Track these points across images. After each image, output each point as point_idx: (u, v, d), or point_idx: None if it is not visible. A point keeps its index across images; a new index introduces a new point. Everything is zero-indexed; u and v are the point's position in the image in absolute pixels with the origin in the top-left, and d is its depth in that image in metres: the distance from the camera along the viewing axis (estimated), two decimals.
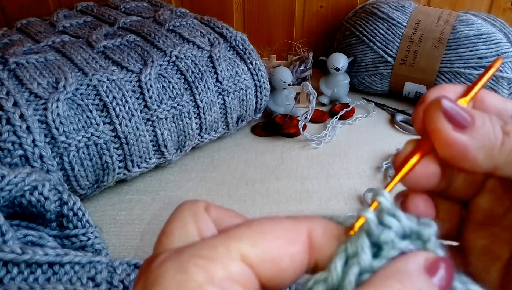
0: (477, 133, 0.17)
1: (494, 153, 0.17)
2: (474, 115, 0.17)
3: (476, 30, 0.67)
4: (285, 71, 0.67)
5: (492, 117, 0.18)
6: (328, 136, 0.65)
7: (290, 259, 0.15)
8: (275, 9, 0.86)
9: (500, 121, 0.18)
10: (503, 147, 0.17)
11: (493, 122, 0.18)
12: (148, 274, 0.15)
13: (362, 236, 0.15)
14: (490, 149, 0.17)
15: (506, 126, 0.17)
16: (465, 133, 0.17)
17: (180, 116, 0.55)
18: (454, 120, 0.17)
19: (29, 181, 0.36)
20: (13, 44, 0.56)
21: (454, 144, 0.17)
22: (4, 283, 0.30)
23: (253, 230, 0.15)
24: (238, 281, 0.14)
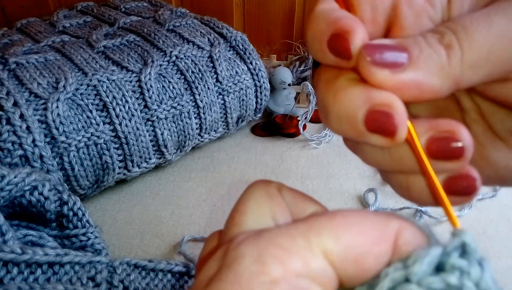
0: (419, 63, 0.15)
1: (447, 71, 0.15)
2: (407, 46, 0.15)
3: None
4: (285, 71, 0.67)
5: (425, 35, 0.16)
6: (328, 136, 0.65)
7: (375, 259, 0.13)
8: (275, 9, 0.86)
9: (435, 35, 0.16)
10: (452, 60, 0.15)
11: (429, 42, 0.15)
12: (227, 253, 0.14)
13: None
14: (441, 69, 0.15)
15: (443, 38, 0.15)
16: (407, 69, 0.15)
17: (180, 116, 0.55)
18: (388, 64, 0.15)
19: (29, 181, 0.36)
20: (13, 44, 0.56)
21: (402, 86, 0.15)
22: (4, 283, 0.30)
23: (338, 223, 0.14)
24: (317, 279, 0.13)
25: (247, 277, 0.13)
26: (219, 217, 0.51)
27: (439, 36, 0.16)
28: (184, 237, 0.47)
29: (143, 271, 0.36)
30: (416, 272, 0.13)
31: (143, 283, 0.34)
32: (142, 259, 0.37)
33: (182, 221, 0.50)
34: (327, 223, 0.14)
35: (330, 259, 0.13)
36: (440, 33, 0.16)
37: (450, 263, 0.13)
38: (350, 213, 0.14)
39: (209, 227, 0.49)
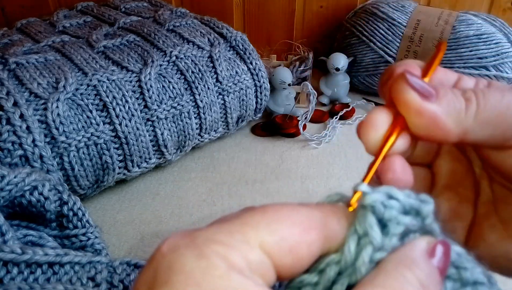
0: (443, 101, 0.18)
1: (462, 118, 0.18)
2: (437, 87, 0.19)
3: (476, 30, 0.67)
4: (285, 71, 0.67)
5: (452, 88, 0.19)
6: (328, 136, 0.65)
7: (308, 247, 0.15)
8: (275, 9, 0.86)
9: (458, 90, 0.19)
10: (468, 111, 0.18)
11: (454, 92, 0.19)
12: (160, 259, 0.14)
13: (369, 215, 0.16)
14: (457, 114, 0.18)
15: (466, 93, 0.19)
16: (432, 102, 0.18)
17: (180, 116, 0.55)
18: (420, 91, 0.18)
19: (29, 181, 0.36)
20: (13, 44, 0.56)
21: (425, 112, 0.18)
22: (4, 283, 0.30)
23: (270, 217, 0.15)
24: (256, 271, 0.14)
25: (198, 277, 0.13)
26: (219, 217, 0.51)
27: (463, 92, 0.19)
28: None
29: None
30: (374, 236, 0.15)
31: None
32: (142, 259, 0.37)
33: (182, 221, 0.50)
34: (261, 218, 0.15)
35: (267, 251, 0.14)
36: (464, 90, 0.19)
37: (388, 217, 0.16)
38: (279, 206, 0.15)
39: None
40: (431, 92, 0.18)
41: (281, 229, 0.15)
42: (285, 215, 0.15)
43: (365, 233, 0.16)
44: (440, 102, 0.18)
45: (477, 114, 0.18)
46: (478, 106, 0.19)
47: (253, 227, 0.14)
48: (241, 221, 0.15)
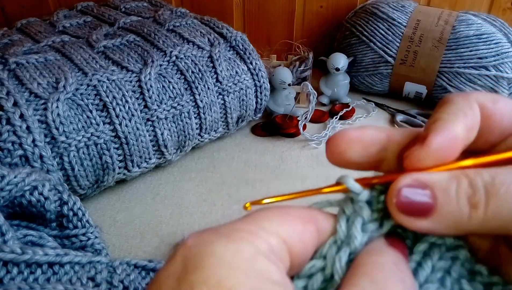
0: (441, 215, 0.17)
1: (464, 227, 0.17)
2: (437, 195, 0.17)
3: (476, 30, 0.67)
4: (285, 71, 0.67)
5: (460, 186, 0.17)
6: (328, 136, 0.65)
7: (311, 236, 0.16)
8: (275, 9, 0.86)
9: (468, 190, 0.17)
10: (471, 221, 0.17)
11: (460, 196, 0.17)
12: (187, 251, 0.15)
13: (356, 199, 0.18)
14: (458, 225, 0.17)
15: (475, 196, 0.16)
16: (427, 219, 0.17)
17: (180, 116, 0.55)
18: (413, 212, 0.17)
19: (29, 181, 0.36)
20: (13, 44, 0.56)
21: (418, 229, 0.17)
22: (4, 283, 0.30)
23: (277, 212, 0.16)
24: (278, 256, 0.15)
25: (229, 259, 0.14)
26: (219, 217, 0.51)
27: (472, 192, 0.16)
28: (184, 237, 0.47)
29: (143, 271, 0.36)
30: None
31: (143, 283, 0.34)
32: (142, 259, 0.37)
33: (182, 221, 0.50)
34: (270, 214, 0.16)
35: (283, 238, 0.15)
36: (474, 189, 0.16)
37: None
38: (277, 207, 0.17)
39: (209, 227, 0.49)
40: (427, 208, 0.17)
41: (289, 221, 0.16)
42: (287, 211, 0.16)
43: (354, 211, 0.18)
44: (437, 216, 0.17)
45: (483, 222, 0.16)
46: (485, 214, 0.16)
47: (267, 220, 0.16)
48: (254, 217, 0.16)
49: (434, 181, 0.17)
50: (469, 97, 0.18)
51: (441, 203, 0.17)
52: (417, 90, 0.73)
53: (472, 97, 0.18)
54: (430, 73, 0.70)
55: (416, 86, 0.72)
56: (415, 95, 0.74)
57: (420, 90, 0.72)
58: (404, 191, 0.17)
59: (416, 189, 0.17)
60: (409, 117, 0.69)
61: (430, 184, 0.17)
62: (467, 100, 0.18)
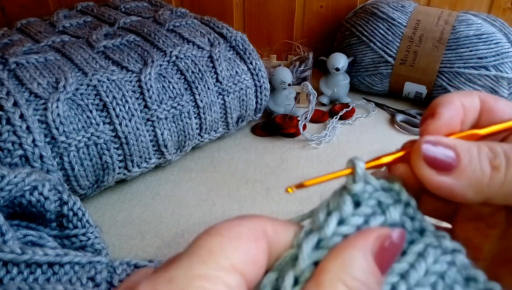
0: (464, 173, 0.17)
1: (483, 189, 0.17)
2: (460, 153, 0.17)
3: (476, 30, 0.67)
4: (285, 71, 0.67)
5: (481, 149, 0.17)
6: (328, 136, 0.65)
7: (263, 254, 0.16)
8: (275, 9, 0.86)
9: (489, 153, 0.17)
10: (492, 181, 0.17)
11: (481, 157, 0.17)
12: None
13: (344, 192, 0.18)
14: (479, 185, 0.17)
15: (495, 159, 0.17)
16: (451, 175, 0.17)
17: (180, 116, 0.55)
18: (437, 165, 0.17)
19: (29, 181, 0.36)
20: (13, 44, 0.56)
21: (440, 188, 0.17)
22: (4, 283, 0.30)
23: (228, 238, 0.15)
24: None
25: None
26: (219, 217, 0.51)
27: (493, 156, 0.17)
28: (184, 237, 0.47)
29: None
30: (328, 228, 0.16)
31: None
32: (142, 259, 0.37)
33: (182, 221, 0.50)
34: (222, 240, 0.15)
35: (239, 271, 0.15)
36: (495, 153, 0.17)
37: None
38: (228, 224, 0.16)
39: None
40: (450, 163, 0.17)
41: (243, 245, 0.15)
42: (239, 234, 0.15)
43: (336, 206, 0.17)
44: (459, 174, 0.17)
45: (503, 185, 0.17)
46: (506, 176, 0.17)
47: (220, 251, 0.15)
48: (207, 249, 0.15)
49: (456, 143, 0.18)
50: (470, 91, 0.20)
51: (464, 160, 0.17)
52: (417, 90, 0.73)
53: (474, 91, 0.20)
54: (430, 73, 0.70)
55: (416, 86, 0.72)
56: (415, 95, 0.74)
57: (420, 90, 0.72)
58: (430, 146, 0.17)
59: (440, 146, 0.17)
60: (409, 117, 0.69)
61: (453, 144, 0.18)
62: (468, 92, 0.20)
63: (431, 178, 0.17)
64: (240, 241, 0.15)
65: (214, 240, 0.15)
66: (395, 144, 0.71)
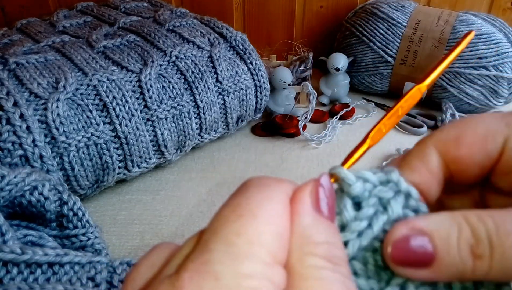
0: (442, 266, 0.16)
1: (466, 277, 0.16)
2: (437, 243, 0.16)
3: (476, 30, 0.67)
4: (285, 71, 0.67)
5: (462, 234, 0.16)
6: (328, 136, 0.65)
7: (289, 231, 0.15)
8: (275, 9, 0.86)
9: (471, 239, 0.15)
10: (475, 271, 0.15)
11: (461, 246, 0.15)
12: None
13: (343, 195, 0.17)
14: (461, 275, 0.16)
15: (478, 247, 0.15)
16: (428, 269, 0.16)
17: (180, 116, 0.55)
18: (412, 263, 0.16)
19: (29, 181, 0.36)
20: (13, 44, 0.56)
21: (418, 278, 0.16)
22: (4, 283, 0.30)
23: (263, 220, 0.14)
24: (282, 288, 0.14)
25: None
26: None
27: (475, 243, 0.15)
28: (184, 237, 0.47)
29: None
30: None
31: None
32: None
33: (182, 221, 0.50)
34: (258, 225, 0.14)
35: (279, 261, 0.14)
36: (477, 238, 0.15)
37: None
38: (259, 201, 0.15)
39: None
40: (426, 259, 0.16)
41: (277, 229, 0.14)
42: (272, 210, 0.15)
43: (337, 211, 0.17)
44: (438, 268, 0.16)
45: (488, 274, 0.15)
46: (490, 266, 0.15)
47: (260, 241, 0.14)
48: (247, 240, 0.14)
49: (432, 228, 0.16)
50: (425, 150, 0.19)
51: (441, 253, 0.16)
52: None
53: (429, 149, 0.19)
54: None
55: None
56: None
57: None
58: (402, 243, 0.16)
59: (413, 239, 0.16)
60: (409, 117, 0.69)
61: (429, 231, 0.16)
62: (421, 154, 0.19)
63: (410, 275, 0.16)
64: (275, 223, 0.14)
65: (250, 226, 0.14)
66: (395, 144, 0.71)
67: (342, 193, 0.17)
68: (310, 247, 0.14)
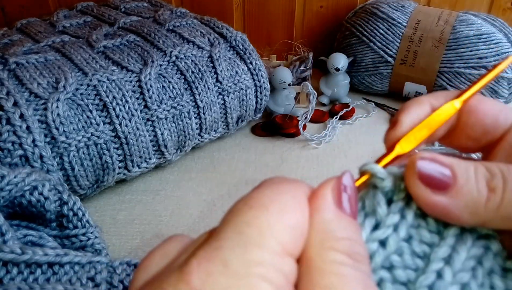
0: (459, 193, 0.16)
1: (480, 211, 0.16)
2: (457, 172, 0.16)
3: (476, 30, 0.67)
4: (285, 71, 0.67)
5: (478, 169, 0.17)
6: (328, 136, 0.65)
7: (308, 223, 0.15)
8: (275, 9, 0.86)
9: (487, 174, 0.16)
10: (488, 204, 0.16)
11: (478, 177, 0.16)
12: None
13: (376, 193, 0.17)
14: (475, 207, 0.16)
15: (493, 180, 0.16)
16: (446, 194, 0.16)
17: (180, 116, 0.55)
18: (432, 184, 0.16)
19: (29, 181, 0.36)
20: (13, 44, 0.56)
21: (434, 207, 0.16)
22: (3, 283, 0.30)
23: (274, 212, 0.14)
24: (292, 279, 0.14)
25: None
26: (219, 217, 0.51)
27: (490, 176, 0.16)
28: None
29: None
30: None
31: None
32: None
33: (182, 221, 0.50)
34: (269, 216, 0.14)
35: (290, 252, 0.14)
36: (492, 174, 0.17)
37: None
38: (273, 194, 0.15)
39: (209, 227, 0.49)
40: (446, 181, 0.16)
41: (289, 221, 0.14)
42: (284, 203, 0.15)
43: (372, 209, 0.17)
44: (455, 193, 0.16)
45: (499, 209, 0.16)
46: (502, 199, 0.16)
47: (270, 231, 0.14)
48: (257, 229, 0.14)
49: (453, 161, 0.17)
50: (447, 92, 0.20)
51: (460, 180, 0.16)
52: (417, 90, 0.73)
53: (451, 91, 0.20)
54: (430, 73, 0.70)
55: (416, 86, 0.72)
56: (415, 95, 0.74)
57: (420, 90, 0.72)
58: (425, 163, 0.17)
59: (435, 164, 0.17)
60: None
61: (449, 163, 0.17)
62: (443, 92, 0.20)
63: (426, 197, 0.16)
64: (287, 216, 0.14)
65: (261, 217, 0.14)
66: None
67: (375, 190, 0.17)
68: (331, 242, 0.14)
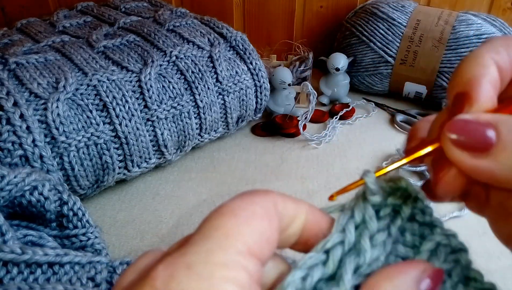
0: (503, 152, 0.14)
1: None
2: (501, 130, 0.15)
3: (476, 30, 0.67)
4: (285, 71, 0.67)
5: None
6: (328, 136, 0.65)
7: (276, 233, 0.15)
8: (275, 9, 0.86)
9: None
10: None
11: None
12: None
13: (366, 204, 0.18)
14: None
15: None
16: (488, 156, 0.15)
17: (180, 116, 0.55)
18: (470, 147, 0.15)
19: (29, 181, 0.36)
20: (13, 44, 0.56)
21: (476, 172, 0.15)
22: (4, 283, 0.30)
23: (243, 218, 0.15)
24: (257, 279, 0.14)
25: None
26: None
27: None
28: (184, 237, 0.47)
29: None
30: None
31: None
32: None
33: (182, 221, 0.50)
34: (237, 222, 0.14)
35: (255, 254, 0.14)
36: None
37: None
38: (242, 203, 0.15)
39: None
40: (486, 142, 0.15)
41: (256, 227, 0.15)
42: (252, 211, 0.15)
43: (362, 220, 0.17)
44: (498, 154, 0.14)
45: None
46: None
47: (237, 234, 0.14)
48: (224, 233, 0.14)
49: (497, 117, 0.15)
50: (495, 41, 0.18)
51: (505, 138, 0.15)
52: (417, 90, 0.73)
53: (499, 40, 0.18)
54: (430, 73, 0.70)
55: (416, 86, 0.72)
56: (415, 95, 0.74)
57: (420, 90, 0.72)
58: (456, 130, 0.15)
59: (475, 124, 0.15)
60: (409, 117, 0.69)
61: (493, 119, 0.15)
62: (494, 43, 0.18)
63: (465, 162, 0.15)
64: (255, 222, 0.15)
65: (229, 222, 0.14)
66: (395, 144, 0.71)
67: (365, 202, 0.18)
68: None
